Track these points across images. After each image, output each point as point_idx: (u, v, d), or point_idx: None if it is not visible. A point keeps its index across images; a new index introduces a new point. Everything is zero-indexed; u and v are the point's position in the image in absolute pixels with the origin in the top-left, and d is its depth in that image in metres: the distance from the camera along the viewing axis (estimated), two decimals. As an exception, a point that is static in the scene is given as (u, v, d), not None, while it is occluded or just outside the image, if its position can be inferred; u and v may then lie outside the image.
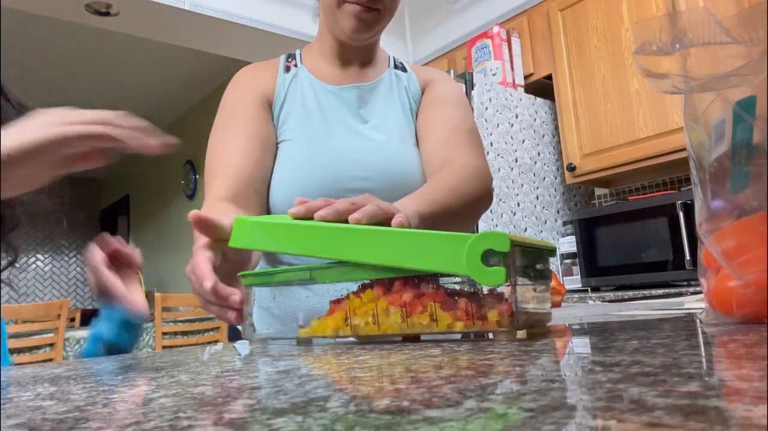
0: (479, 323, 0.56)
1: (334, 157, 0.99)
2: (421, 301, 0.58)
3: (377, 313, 0.60)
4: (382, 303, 0.60)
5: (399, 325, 0.59)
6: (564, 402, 0.25)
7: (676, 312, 0.76)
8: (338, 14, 0.99)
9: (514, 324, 0.55)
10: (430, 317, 0.58)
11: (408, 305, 0.59)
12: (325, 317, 0.64)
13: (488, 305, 0.56)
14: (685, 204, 2.08)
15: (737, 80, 0.49)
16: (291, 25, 2.92)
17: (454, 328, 0.57)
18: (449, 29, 3.18)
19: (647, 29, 0.54)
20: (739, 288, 0.49)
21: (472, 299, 0.57)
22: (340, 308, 0.63)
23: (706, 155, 0.53)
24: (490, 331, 0.56)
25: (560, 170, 2.75)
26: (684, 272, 2.10)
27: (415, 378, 0.35)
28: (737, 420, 0.20)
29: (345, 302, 0.63)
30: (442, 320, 0.57)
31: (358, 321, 0.61)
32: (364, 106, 1.06)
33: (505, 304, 0.55)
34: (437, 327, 0.58)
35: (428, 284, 0.59)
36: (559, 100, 2.62)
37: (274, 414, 0.27)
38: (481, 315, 0.56)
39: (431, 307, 0.58)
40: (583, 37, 2.54)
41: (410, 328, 0.59)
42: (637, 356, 0.36)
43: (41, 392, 0.40)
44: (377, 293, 0.61)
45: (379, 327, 0.60)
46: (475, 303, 0.56)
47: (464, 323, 0.57)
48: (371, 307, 0.61)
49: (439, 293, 0.58)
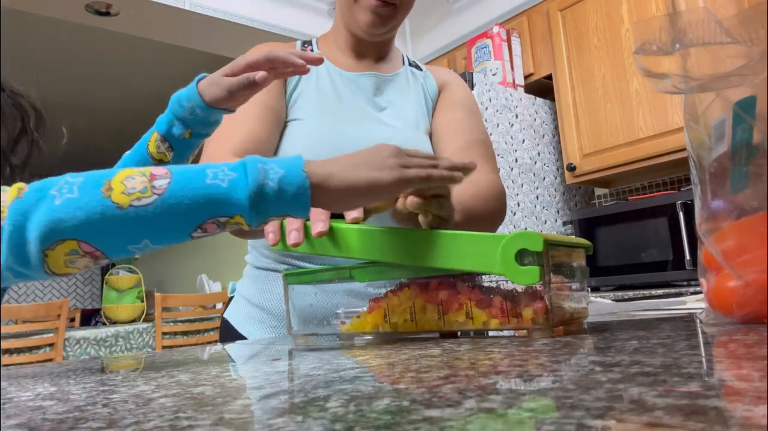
0: (514, 320, 0.57)
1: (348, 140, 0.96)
2: (458, 299, 0.60)
3: (415, 311, 0.62)
4: (419, 301, 0.62)
5: (436, 322, 0.61)
6: (564, 402, 0.25)
7: (676, 312, 0.76)
8: (355, 8, 0.99)
9: (549, 322, 0.55)
10: (465, 315, 0.59)
11: (444, 303, 0.61)
12: (365, 314, 0.66)
13: (523, 303, 0.57)
14: (685, 204, 2.08)
15: (737, 80, 0.49)
16: (291, 25, 2.92)
17: (489, 325, 0.58)
18: (449, 29, 3.18)
19: (647, 29, 0.54)
20: (739, 288, 0.49)
21: (507, 297, 0.58)
22: (379, 306, 0.65)
23: (706, 155, 0.52)
24: (525, 328, 0.57)
25: (560, 170, 2.75)
26: (684, 272, 2.10)
27: (417, 378, 0.35)
28: (737, 420, 0.20)
29: (384, 301, 0.65)
30: (477, 317, 0.59)
31: (396, 319, 0.63)
32: (380, 95, 1.06)
33: (540, 302, 0.56)
34: (473, 325, 0.59)
35: (464, 283, 0.60)
36: (559, 100, 2.62)
37: (274, 414, 0.27)
38: (516, 313, 0.57)
39: (467, 305, 0.59)
40: (583, 37, 2.54)
41: (447, 325, 0.60)
42: (637, 356, 0.36)
43: (41, 392, 0.40)
44: (414, 291, 0.63)
45: (416, 324, 0.62)
46: (510, 301, 0.57)
47: (499, 320, 0.58)
48: (409, 305, 0.63)
49: (475, 292, 0.60)
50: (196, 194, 0.51)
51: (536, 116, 2.72)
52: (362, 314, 0.66)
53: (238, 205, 0.51)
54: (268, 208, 0.52)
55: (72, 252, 0.51)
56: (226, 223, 0.52)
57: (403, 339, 0.63)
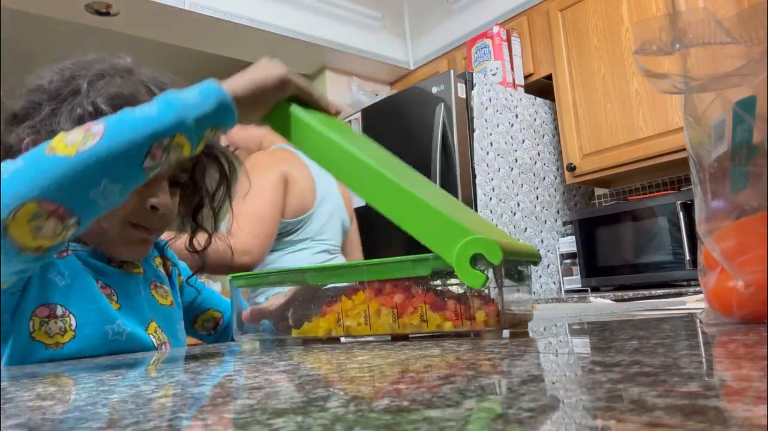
0: (467, 323, 0.59)
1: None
2: (412, 302, 0.61)
3: (369, 314, 0.63)
4: (374, 305, 0.62)
5: (390, 325, 0.62)
6: (564, 402, 0.25)
7: (676, 312, 0.76)
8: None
9: (500, 324, 0.58)
10: (420, 318, 0.60)
11: (399, 306, 0.61)
12: (317, 318, 0.66)
13: (476, 306, 0.59)
14: (685, 204, 2.08)
15: (737, 80, 0.49)
16: (291, 25, 2.91)
17: (443, 328, 0.60)
18: (449, 29, 3.17)
19: (647, 29, 0.54)
20: (739, 288, 0.49)
21: (460, 300, 0.60)
22: (332, 310, 0.65)
23: (706, 155, 0.52)
24: (478, 331, 0.59)
25: (560, 170, 2.75)
26: (684, 272, 2.10)
27: (414, 378, 0.35)
28: (737, 420, 0.20)
29: (337, 305, 0.65)
30: (432, 320, 0.60)
31: (350, 322, 0.63)
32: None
33: (492, 305, 0.58)
34: (427, 327, 0.60)
35: (418, 287, 0.62)
36: (559, 101, 2.62)
37: (274, 414, 0.27)
38: (469, 316, 0.59)
39: (422, 308, 0.60)
40: (583, 37, 2.54)
41: (401, 328, 0.61)
42: (637, 356, 0.36)
43: (41, 392, 0.40)
44: (369, 295, 0.63)
45: (370, 328, 0.62)
46: (464, 304, 0.59)
47: (453, 323, 0.59)
48: (363, 308, 0.63)
49: (429, 295, 0.61)
50: (134, 125, 0.56)
51: (536, 116, 2.72)
52: (314, 317, 0.66)
53: (174, 123, 0.57)
54: (200, 120, 0.59)
55: (34, 216, 0.51)
56: (170, 145, 0.58)
57: (381, 340, 0.63)
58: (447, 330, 0.60)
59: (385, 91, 3.40)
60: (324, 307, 0.66)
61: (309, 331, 0.66)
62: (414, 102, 2.53)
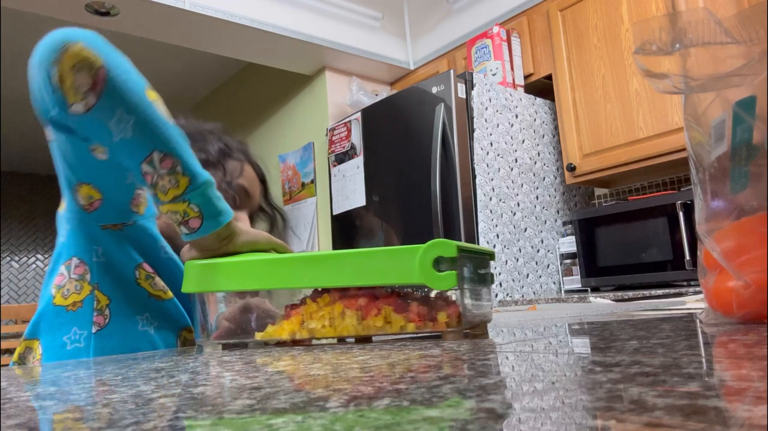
0: (430, 324, 0.61)
1: None
2: (376, 305, 0.62)
3: (334, 316, 0.64)
4: (338, 307, 0.63)
5: (354, 327, 0.63)
6: (564, 402, 0.25)
7: (676, 312, 0.76)
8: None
9: (461, 325, 0.59)
10: (384, 320, 0.62)
11: (363, 308, 0.63)
12: (281, 321, 0.66)
13: (437, 307, 0.61)
14: (685, 204, 2.08)
15: (737, 80, 0.49)
16: (291, 25, 2.91)
17: (406, 329, 0.61)
18: (449, 29, 3.18)
19: (647, 29, 0.54)
20: (739, 288, 0.49)
21: (423, 302, 0.62)
22: (296, 312, 0.65)
23: (706, 155, 0.52)
24: (440, 331, 0.61)
25: (560, 170, 2.75)
26: (684, 272, 2.10)
27: (408, 377, 0.35)
28: (737, 420, 0.20)
29: (302, 307, 0.65)
30: (395, 322, 0.62)
31: (314, 325, 0.64)
32: None
33: (453, 306, 0.60)
34: (391, 329, 0.62)
35: (382, 289, 0.63)
36: (559, 101, 2.62)
37: (274, 414, 0.27)
38: (431, 317, 0.61)
39: (385, 310, 0.62)
40: (583, 37, 2.54)
41: (365, 330, 0.62)
42: (637, 356, 0.36)
43: (41, 392, 0.40)
44: (333, 297, 0.64)
45: (335, 330, 0.63)
46: (426, 306, 0.61)
47: (416, 324, 0.61)
48: (328, 311, 0.64)
49: (392, 297, 0.63)
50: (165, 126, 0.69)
51: (536, 116, 2.72)
52: (278, 320, 0.66)
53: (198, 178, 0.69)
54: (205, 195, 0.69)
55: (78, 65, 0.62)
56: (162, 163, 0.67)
57: (376, 341, 0.63)
58: (410, 332, 0.61)
59: (385, 91, 3.40)
60: (287, 309, 0.66)
61: (273, 334, 0.66)
62: (414, 102, 2.53)
